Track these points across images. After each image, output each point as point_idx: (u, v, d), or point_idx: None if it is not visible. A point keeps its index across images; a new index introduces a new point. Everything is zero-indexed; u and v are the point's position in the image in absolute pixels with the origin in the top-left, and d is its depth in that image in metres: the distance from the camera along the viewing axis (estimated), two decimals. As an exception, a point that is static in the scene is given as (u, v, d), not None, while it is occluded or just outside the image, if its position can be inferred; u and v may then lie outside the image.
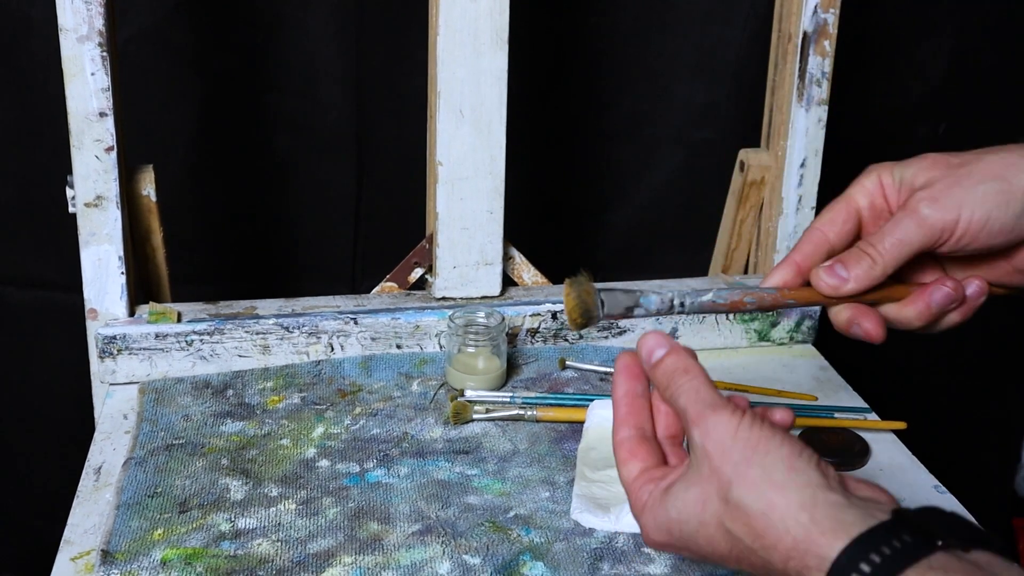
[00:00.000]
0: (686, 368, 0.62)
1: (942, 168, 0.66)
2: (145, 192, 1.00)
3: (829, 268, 0.67)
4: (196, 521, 0.80)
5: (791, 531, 0.54)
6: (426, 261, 1.07)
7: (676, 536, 0.60)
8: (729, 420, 0.58)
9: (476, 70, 0.98)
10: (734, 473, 0.57)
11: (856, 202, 0.69)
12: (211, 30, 1.23)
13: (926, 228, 0.65)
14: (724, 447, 0.58)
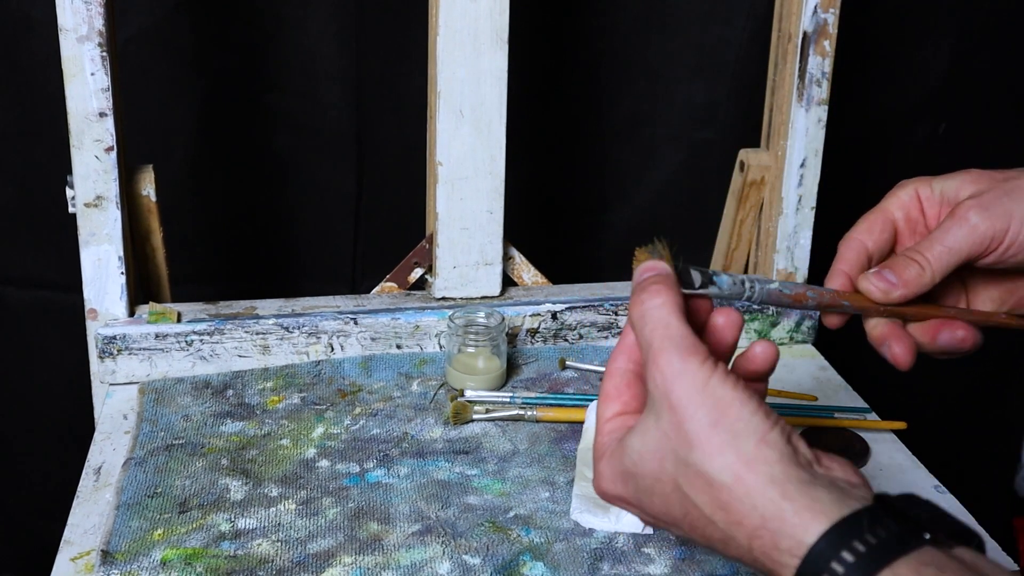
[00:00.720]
0: (660, 292, 0.56)
1: (987, 181, 0.66)
2: (145, 192, 1.00)
3: (878, 273, 0.66)
4: (196, 521, 0.80)
5: (759, 508, 0.50)
6: (426, 261, 1.07)
7: (631, 490, 0.56)
8: (699, 370, 0.53)
9: (476, 70, 0.98)
10: (698, 435, 0.52)
11: (891, 213, 0.69)
12: (211, 30, 1.23)
13: (976, 236, 0.64)
14: (690, 401, 0.52)
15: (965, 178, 0.67)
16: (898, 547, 0.47)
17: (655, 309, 0.55)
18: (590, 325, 1.06)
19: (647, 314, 0.55)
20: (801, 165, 1.07)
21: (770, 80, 1.09)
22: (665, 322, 0.54)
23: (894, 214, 0.69)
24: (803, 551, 0.48)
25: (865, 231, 0.68)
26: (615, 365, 0.60)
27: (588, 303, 1.06)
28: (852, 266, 0.67)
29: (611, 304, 1.06)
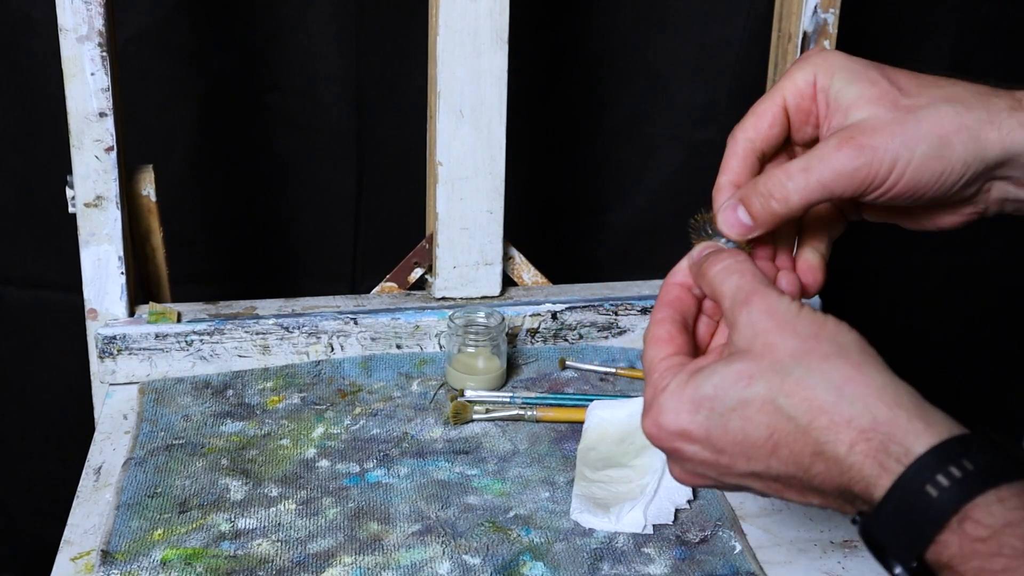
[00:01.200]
0: (737, 253, 0.59)
1: (888, 107, 0.59)
2: (145, 192, 1.00)
3: (732, 209, 0.61)
4: (196, 521, 0.80)
5: (871, 409, 0.50)
6: (426, 261, 1.07)
7: (701, 418, 0.54)
8: (790, 303, 0.55)
9: (476, 70, 0.98)
10: (800, 347, 0.52)
11: (784, 101, 0.62)
12: (211, 30, 1.23)
13: (854, 180, 0.58)
14: (786, 322, 0.53)
15: (868, 92, 0.60)
16: (1005, 473, 0.47)
17: (739, 263, 0.58)
18: (590, 325, 1.06)
19: (732, 267, 0.57)
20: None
21: (770, 80, 1.09)
22: (752, 272, 0.57)
23: (787, 101, 0.62)
24: (911, 459, 0.48)
25: (752, 127, 0.63)
26: (660, 315, 0.61)
27: (588, 303, 1.06)
28: (739, 175, 0.63)
29: (611, 304, 1.06)
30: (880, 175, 0.58)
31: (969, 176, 0.59)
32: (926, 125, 0.58)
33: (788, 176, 0.59)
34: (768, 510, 0.85)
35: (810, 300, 1.08)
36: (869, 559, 0.51)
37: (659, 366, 0.58)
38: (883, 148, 0.58)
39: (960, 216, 0.63)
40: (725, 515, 0.83)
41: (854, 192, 0.59)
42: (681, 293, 0.62)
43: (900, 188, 0.58)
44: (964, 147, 0.58)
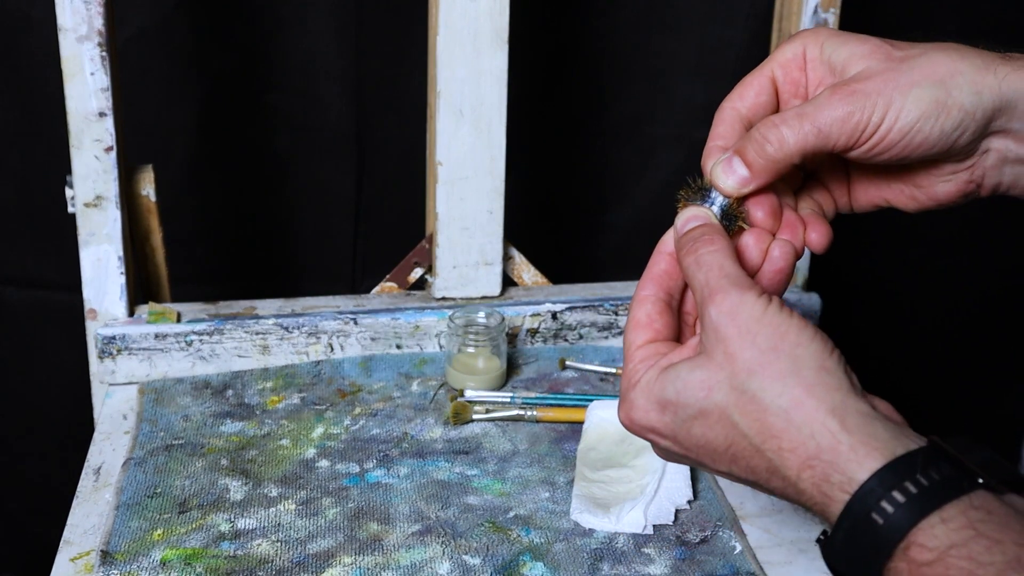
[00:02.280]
0: (712, 239, 0.57)
1: (880, 58, 0.58)
2: (144, 192, 1.00)
3: (727, 162, 0.60)
4: (196, 521, 0.80)
5: (816, 437, 0.49)
6: (426, 261, 1.07)
7: (667, 419, 0.54)
8: (755, 302, 0.53)
9: (476, 70, 0.98)
10: (757, 362, 0.51)
11: (772, 72, 0.62)
12: (211, 30, 1.23)
13: (847, 124, 0.57)
14: (747, 330, 0.52)
15: (861, 49, 0.59)
16: (949, 491, 0.46)
17: (709, 254, 0.56)
18: (590, 325, 1.06)
19: (702, 259, 0.55)
20: (801, 165, 1.07)
21: (770, 80, 1.09)
22: (720, 263, 0.55)
23: (775, 72, 0.62)
24: (854, 487, 0.48)
25: (738, 96, 0.62)
26: (644, 293, 0.59)
27: (588, 303, 1.06)
28: (728, 140, 0.62)
29: (611, 304, 1.06)
30: (874, 120, 0.56)
31: (967, 122, 0.57)
32: (920, 71, 0.57)
33: (783, 120, 0.58)
34: (768, 510, 0.84)
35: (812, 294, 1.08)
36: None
37: (635, 355, 0.57)
38: (876, 91, 0.56)
39: (956, 185, 0.61)
40: (725, 515, 0.83)
41: (850, 140, 0.57)
42: (669, 265, 0.60)
43: (895, 135, 0.56)
44: (960, 90, 0.56)
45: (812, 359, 0.51)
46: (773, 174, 0.59)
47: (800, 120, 0.57)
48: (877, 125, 0.56)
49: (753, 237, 0.60)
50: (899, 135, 0.56)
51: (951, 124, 0.57)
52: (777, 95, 0.62)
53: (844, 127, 0.56)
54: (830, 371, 0.51)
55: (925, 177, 0.61)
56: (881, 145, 0.57)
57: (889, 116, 0.56)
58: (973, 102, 0.56)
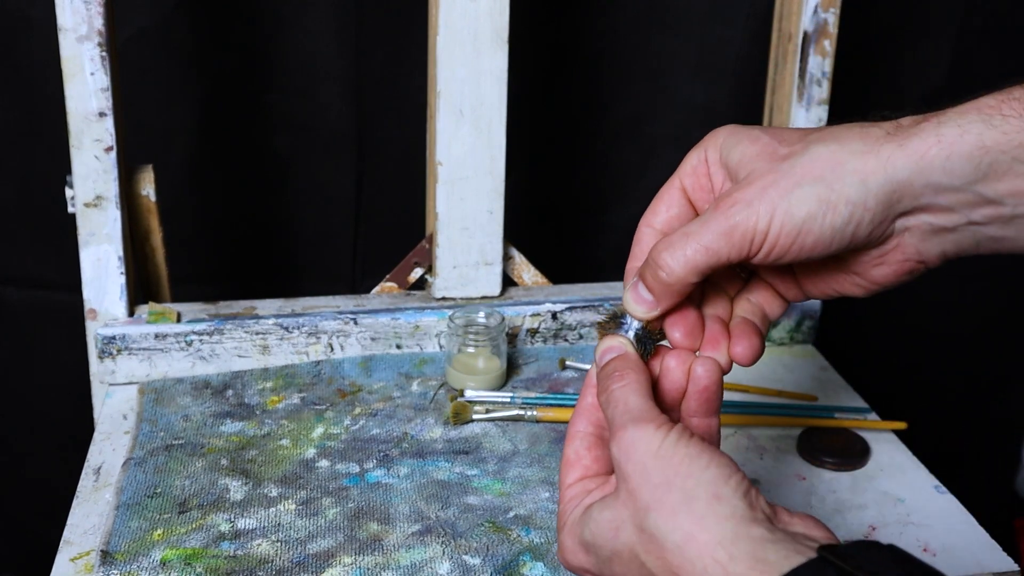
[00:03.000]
0: (622, 374, 0.57)
1: (766, 160, 0.56)
2: (144, 192, 1.00)
3: (634, 288, 0.59)
4: (196, 521, 0.80)
5: (708, 570, 0.48)
6: (426, 261, 1.07)
7: (592, 560, 0.55)
8: (652, 436, 0.52)
9: (476, 70, 0.98)
10: (651, 498, 0.51)
11: (680, 183, 0.61)
12: (211, 30, 1.23)
13: (734, 238, 0.55)
14: (643, 467, 0.51)
15: (749, 150, 0.57)
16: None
17: (618, 390, 0.56)
18: (590, 325, 1.06)
19: (611, 396, 0.56)
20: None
21: (770, 80, 1.09)
22: (624, 399, 0.55)
23: (683, 182, 0.60)
24: None
25: (652, 213, 0.61)
26: (575, 428, 0.60)
27: (588, 303, 1.06)
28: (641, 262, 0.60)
29: (611, 304, 1.06)
30: (759, 228, 0.54)
31: (860, 214, 0.54)
32: (800, 170, 0.54)
33: (668, 245, 0.56)
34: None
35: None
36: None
37: (565, 495, 0.58)
38: (757, 198, 0.54)
39: (892, 267, 0.58)
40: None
41: (740, 252, 0.55)
42: (594, 399, 0.60)
43: (785, 240, 0.54)
44: (842, 182, 0.53)
45: (704, 489, 0.50)
46: (675, 296, 0.58)
47: (685, 241, 0.56)
48: (764, 233, 0.54)
49: (675, 359, 0.59)
50: (788, 239, 0.54)
51: (840, 220, 0.54)
52: (691, 204, 0.61)
53: (731, 240, 0.55)
54: (724, 499, 0.49)
55: (857, 265, 0.58)
56: (775, 251, 0.54)
57: (775, 223, 0.54)
58: (859, 193, 0.54)
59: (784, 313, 0.63)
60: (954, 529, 0.85)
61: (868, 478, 0.91)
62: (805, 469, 0.92)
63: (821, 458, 0.92)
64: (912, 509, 0.87)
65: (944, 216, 0.55)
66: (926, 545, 0.83)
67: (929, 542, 0.84)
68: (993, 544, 0.83)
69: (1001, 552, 0.83)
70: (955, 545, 0.83)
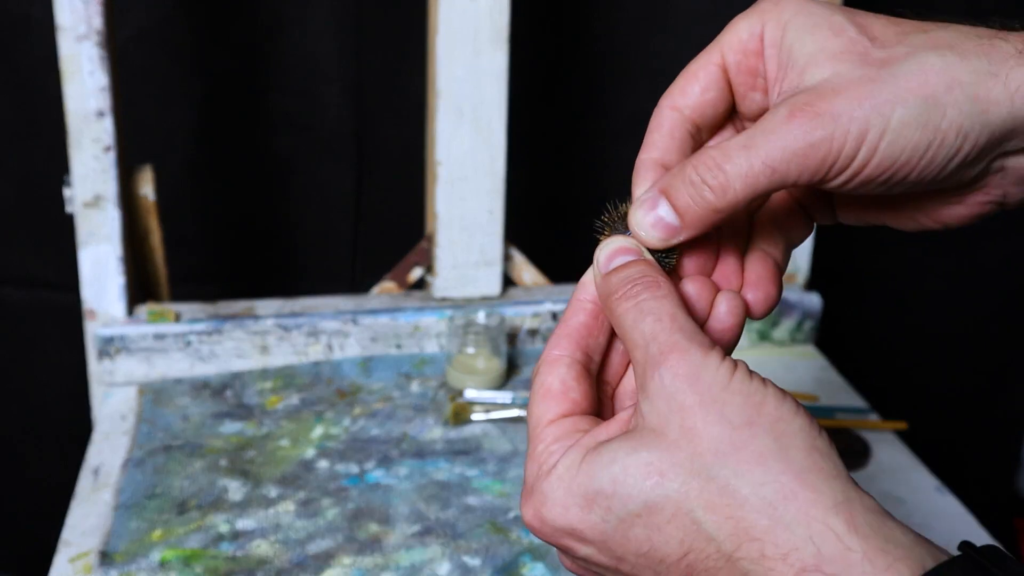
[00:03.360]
0: (657, 282, 0.43)
1: (855, 61, 0.43)
2: (143, 192, 1.00)
3: (650, 205, 0.45)
4: (195, 522, 0.80)
5: (816, 540, 0.37)
6: (426, 261, 1.07)
7: (595, 518, 0.41)
8: (721, 365, 0.41)
9: (476, 70, 0.98)
10: (728, 439, 0.39)
11: (722, 59, 0.47)
12: (211, 30, 1.22)
13: (811, 159, 0.42)
14: (713, 396, 0.40)
15: (830, 44, 0.44)
16: None
17: (655, 300, 0.43)
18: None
19: (645, 306, 0.43)
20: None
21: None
22: (672, 314, 0.42)
23: (725, 58, 0.47)
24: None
25: (679, 92, 0.47)
26: (556, 353, 0.46)
27: (588, 303, 1.06)
28: (666, 153, 0.47)
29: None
30: (846, 151, 0.42)
31: (968, 150, 0.43)
32: (905, 82, 0.42)
33: (725, 157, 0.43)
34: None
35: (813, 294, 1.07)
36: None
37: (546, 433, 0.44)
38: (848, 115, 0.42)
39: (968, 207, 0.47)
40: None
41: (813, 176, 0.43)
42: (589, 318, 0.46)
43: (874, 168, 0.43)
44: (958, 109, 0.42)
45: (801, 437, 0.39)
46: (711, 225, 0.45)
47: (748, 155, 0.43)
48: (851, 158, 0.42)
49: (696, 286, 0.46)
50: (879, 169, 0.43)
51: (946, 152, 0.43)
52: (731, 88, 0.47)
53: (807, 162, 0.42)
54: (824, 453, 0.39)
55: (931, 201, 0.47)
56: (856, 180, 0.43)
57: (866, 146, 0.42)
58: (976, 125, 0.43)
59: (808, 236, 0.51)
60: (955, 529, 0.85)
61: (869, 478, 0.91)
62: (806, 469, 0.92)
63: (822, 458, 0.92)
64: (913, 509, 0.87)
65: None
66: (927, 546, 0.83)
67: (930, 543, 0.84)
68: (993, 544, 0.83)
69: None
70: (955, 545, 0.83)
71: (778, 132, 0.43)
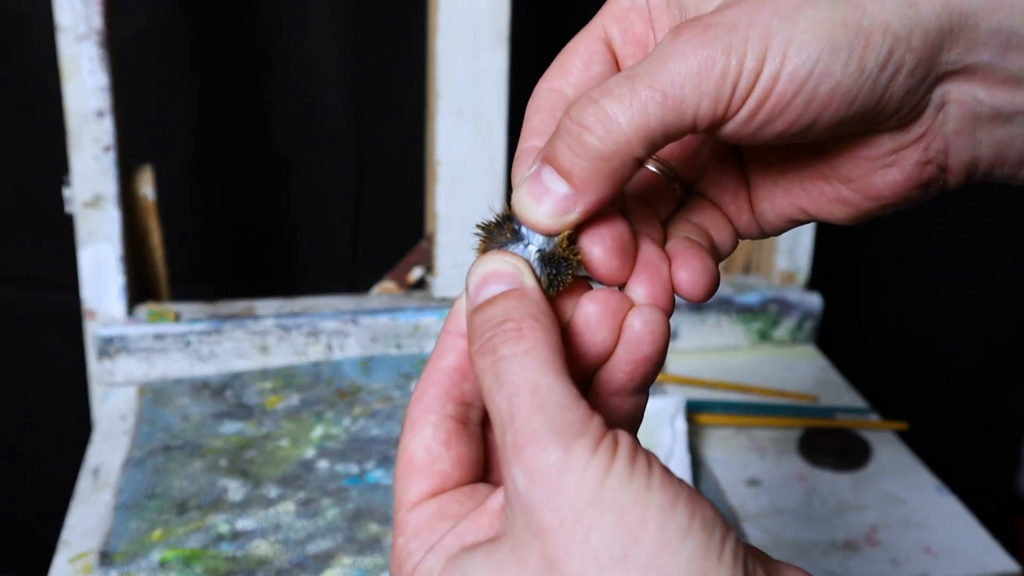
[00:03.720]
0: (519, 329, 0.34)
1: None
2: (143, 192, 1.00)
3: (535, 179, 0.36)
4: (195, 522, 0.80)
5: None
6: (426, 261, 1.07)
7: None
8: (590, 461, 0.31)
9: (476, 69, 0.98)
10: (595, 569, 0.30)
11: (604, 32, 0.40)
12: (211, 30, 1.22)
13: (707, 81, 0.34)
14: (577, 518, 0.30)
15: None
16: None
17: (513, 362, 0.33)
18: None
19: (502, 368, 0.33)
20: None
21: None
22: (532, 384, 0.32)
23: (608, 31, 0.40)
24: None
25: (559, 71, 0.40)
26: (419, 408, 0.37)
27: (588, 303, 1.06)
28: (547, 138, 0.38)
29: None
30: (748, 67, 0.34)
31: (900, 57, 0.35)
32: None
33: (605, 91, 0.35)
34: (769, 511, 0.84)
35: (814, 294, 1.07)
36: (871, 561, 0.51)
37: (407, 521, 0.36)
38: (745, 22, 0.34)
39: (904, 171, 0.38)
40: (726, 515, 0.82)
41: (715, 103, 0.35)
42: (462, 359, 0.37)
43: (788, 87, 0.34)
44: (880, 4, 0.35)
45: (687, 567, 0.30)
46: (609, 182, 0.35)
47: (632, 85, 0.35)
48: (755, 74, 0.34)
49: (598, 304, 0.37)
50: (791, 84, 0.34)
51: (874, 59, 0.34)
52: (617, 63, 0.40)
53: (703, 84, 0.34)
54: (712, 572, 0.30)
55: (852, 164, 0.39)
56: (767, 107, 0.35)
57: (771, 56, 0.34)
58: (903, 21, 0.35)
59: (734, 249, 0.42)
60: (955, 529, 0.85)
61: (869, 479, 0.91)
62: (806, 470, 0.92)
63: (822, 459, 0.92)
64: (913, 510, 0.87)
65: (1004, 92, 0.36)
66: (928, 546, 0.83)
67: (930, 543, 0.83)
68: (994, 544, 0.83)
69: (1001, 552, 0.83)
70: (956, 545, 0.83)
71: (666, 54, 0.35)
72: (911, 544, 0.83)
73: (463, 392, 0.37)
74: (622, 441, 0.31)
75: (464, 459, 0.36)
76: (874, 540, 0.82)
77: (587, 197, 0.36)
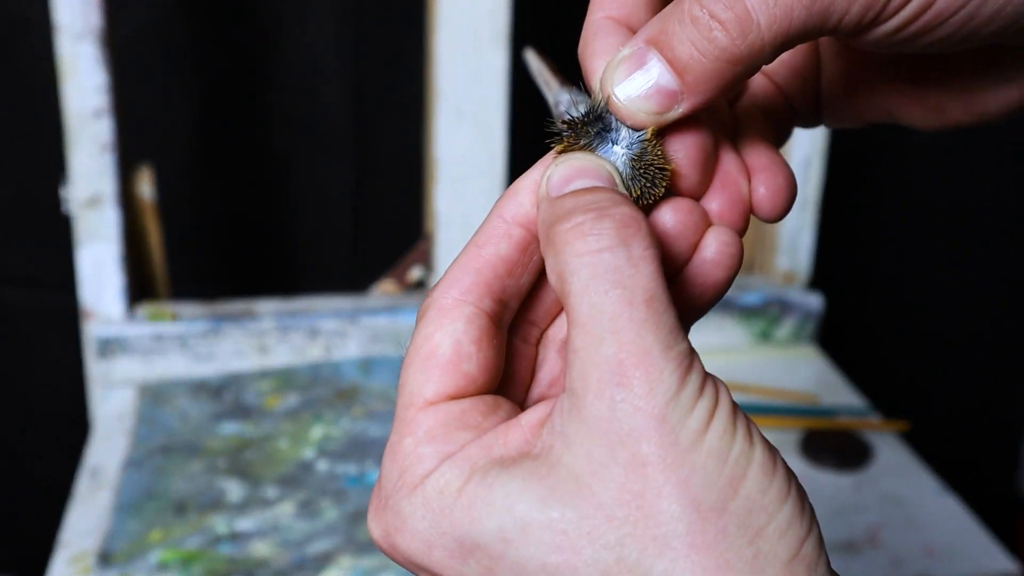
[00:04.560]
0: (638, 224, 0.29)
1: None
2: (142, 192, 1.00)
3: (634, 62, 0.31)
4: (194, 523, 0.80)
5: None
6: (426, 261, 1.06)
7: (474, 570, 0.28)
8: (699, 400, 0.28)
9: (476, 69, 0.98)
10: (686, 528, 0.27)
11: None
12: (210, 30, 1.22)
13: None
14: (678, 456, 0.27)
15: None
16: None
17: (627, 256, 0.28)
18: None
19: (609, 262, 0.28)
20: (805, 166, 1.06)
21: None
22: (650, 293, 0.28)
23: None
24: None
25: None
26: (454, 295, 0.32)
27: (588, 303, 1.06)
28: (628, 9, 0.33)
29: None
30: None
31: None
32: None
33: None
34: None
35: (815, 294, 1.07)
36: (871, 561, 0.50)
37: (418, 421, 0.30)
38: None
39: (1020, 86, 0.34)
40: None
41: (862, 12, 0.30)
42: (514, 250, 0.32)
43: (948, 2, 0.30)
44: None
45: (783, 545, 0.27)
46: (725, 88, 0.31)
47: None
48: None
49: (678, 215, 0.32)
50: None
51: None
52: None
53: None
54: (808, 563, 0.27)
55: (975, 78, 0.35)
56: (923, 18, 0.30)
57: None
58: None
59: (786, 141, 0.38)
60: (956, 530, 0.85)
61: (870, 479, 0.91)
62: (807, 470, 0.91)
63: (823, 459, 0.92)
64: (914, 510, 0.87)
65: None
66: (928, 546, 0.83)
67: (931, 543, 0.83)
68: (994, 544, 0.83)
69: (1002, 552, 0.82)
70: (957, 546, 0.83)
71: None
72: (912, 544, 0.83)
73: (504, 288, 0.32)
74: (722, 388, 0.29)
75: (490, 365, 0.31)
76: (875, 541, 0.82)
77: (695, 99, 0.31)
